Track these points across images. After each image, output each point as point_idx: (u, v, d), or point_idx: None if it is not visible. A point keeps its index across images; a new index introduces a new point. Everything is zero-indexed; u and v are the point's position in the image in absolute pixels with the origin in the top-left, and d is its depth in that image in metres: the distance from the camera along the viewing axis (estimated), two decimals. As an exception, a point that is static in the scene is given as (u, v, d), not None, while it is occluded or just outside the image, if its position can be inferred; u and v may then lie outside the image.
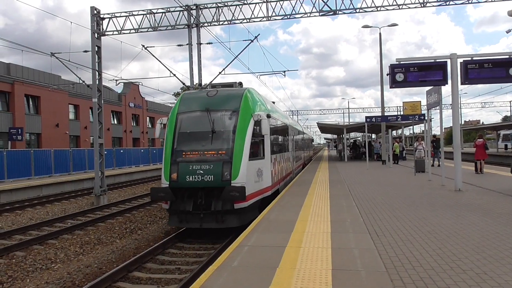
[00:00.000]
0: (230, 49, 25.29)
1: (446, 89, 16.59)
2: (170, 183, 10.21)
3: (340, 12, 20.31)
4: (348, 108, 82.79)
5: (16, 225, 14.05)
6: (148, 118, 64.38)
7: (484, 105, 77.75)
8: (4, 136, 35.28)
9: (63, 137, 42.93)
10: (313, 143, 68.43)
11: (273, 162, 12.80)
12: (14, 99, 37.38)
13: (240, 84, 13.27)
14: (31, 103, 40.35)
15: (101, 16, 19.71)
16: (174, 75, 22.13)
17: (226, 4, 20.46)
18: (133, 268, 8.47)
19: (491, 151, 29.72)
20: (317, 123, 44.11)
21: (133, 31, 20.42)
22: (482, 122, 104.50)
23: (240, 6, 20.67)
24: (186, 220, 10.20)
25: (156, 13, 20.42)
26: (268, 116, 11.62)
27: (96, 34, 19.23)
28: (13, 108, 37.43)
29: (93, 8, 19.31)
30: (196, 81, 19.92)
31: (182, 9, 20.10)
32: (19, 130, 32.45)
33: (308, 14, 21.11)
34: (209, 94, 11.68)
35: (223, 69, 20.24)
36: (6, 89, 36.93)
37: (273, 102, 18.41)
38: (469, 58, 11.66)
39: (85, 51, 19.19)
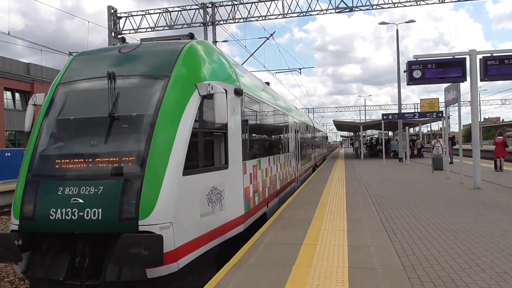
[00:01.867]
0: (245, 46, 25.45)
1: (464, 86, 16.36)
2: (21, 224, 5.36)
3: (356, 9, 20.17)
4: (365, 106, 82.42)
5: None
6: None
7: (504, 102, 76.43)
8: (27, 135, 35.96)
9: (81, 135, 43.56)
10: (327, 140, 67.91)
11: (253, 172, 8.38)
12: (33, 98, 38.08)
13: (191, 36, 7.36)
14: (50, 102, 41.04)
15: (118, 15, 19.95)
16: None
17: (241, 1, 20.49)
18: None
19: (511, 149, 29.17)
20: (333, 120, 44.13)
21: (149, 29, 20.62)
22: (502, 119, 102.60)
23: (256, 3, 20.70)
24: None
25: (172, 11, 20.59)
26: (238, 92, 7.31)
27: (113, 33, 19.47)
28: (32, 107, 38.14)
29: (110, 8, 19.56)
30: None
31: (198, 7, 20.22)
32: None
33: (324, 11, 21.02)
34: (122, 51, 6.73)
35: (239, 67, 20.24)
36: (26, 89, 37.65)
37: (268, 84, 13.56)
38: (489, 55, 11.47)
39: (103, 50, 19.49)
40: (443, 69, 11.77)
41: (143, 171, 5.28)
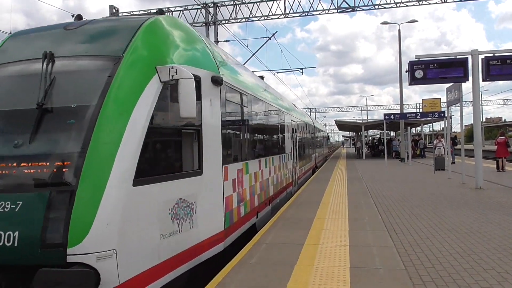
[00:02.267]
0: (247, 46, 25.54)
1: (466, 86, 16.35)
2: None
3: (358, 9, 20.20)
4: (366, 106, 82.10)
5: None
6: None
7: (507, 102, 76.39)
8: None
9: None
10: (329, 140, 67.78)
11: (237, 177, 7.12)
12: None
13: (160, 12, 6.14)
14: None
15: (120, 15, 19.98)
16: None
17: (243, 1, 20.53)
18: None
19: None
20: (335, 120, 44.20)
21: (152, 29, 20.70)
22: (504, 119, 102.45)
23: (258, 3, 20.73)
24: None
25: (174, 11, 20.61)
26: (217, 81, 6.00)
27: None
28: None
29: (112, 7, 19.61)
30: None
31: (200, 7, 20.25)
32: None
33: (326, 11, 21.04)
34: (68, 27, 5.40)
35: (241, 67, 20.22)
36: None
37: (262, 77, 12.50)
38: (491, 55, 11.47)
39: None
40: (445, 69, 11.77)
41: (76, 180, 3.97)
